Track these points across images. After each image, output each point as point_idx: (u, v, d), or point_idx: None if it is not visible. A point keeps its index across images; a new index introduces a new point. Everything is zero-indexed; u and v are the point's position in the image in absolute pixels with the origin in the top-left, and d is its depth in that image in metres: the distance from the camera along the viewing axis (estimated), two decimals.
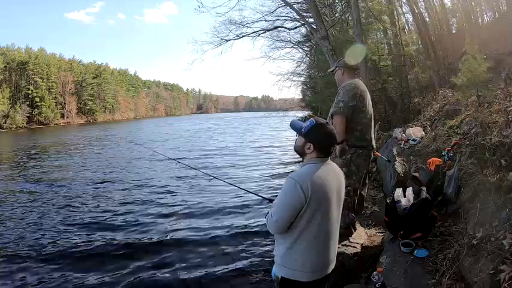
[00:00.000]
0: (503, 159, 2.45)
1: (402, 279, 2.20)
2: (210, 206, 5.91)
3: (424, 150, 4.27)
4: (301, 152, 1.58)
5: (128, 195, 6.90)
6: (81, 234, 4.75)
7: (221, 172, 9.18)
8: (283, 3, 9.99)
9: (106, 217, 5.49)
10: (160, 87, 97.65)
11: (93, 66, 63.27)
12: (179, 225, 5.02)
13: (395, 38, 8.99)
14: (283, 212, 1.46)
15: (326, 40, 7.13)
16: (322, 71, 12.52)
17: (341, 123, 2.70)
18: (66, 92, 53.94)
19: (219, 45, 10.94)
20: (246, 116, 67.84)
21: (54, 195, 7.07)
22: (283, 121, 16.50)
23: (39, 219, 5.40)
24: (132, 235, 4.67)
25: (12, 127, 41.78)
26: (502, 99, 3.58)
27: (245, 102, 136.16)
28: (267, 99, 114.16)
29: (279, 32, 12.94)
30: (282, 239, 1.53)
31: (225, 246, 4.23)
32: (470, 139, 3.25)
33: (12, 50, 49.53)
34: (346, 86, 2.80)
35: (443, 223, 2.68)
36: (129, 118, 68.75)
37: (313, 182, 1.45)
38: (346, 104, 2.72)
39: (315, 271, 1.52)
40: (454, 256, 2.18)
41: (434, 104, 6.31)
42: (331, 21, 10.53)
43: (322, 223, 1.49)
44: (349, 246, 2.79)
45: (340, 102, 2.75)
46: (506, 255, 1.79)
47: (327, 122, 1.57)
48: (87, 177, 9.09)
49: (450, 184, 2.87)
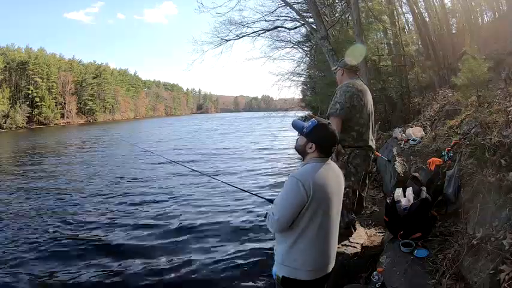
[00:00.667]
0: (503, 159, 2.45)
1: (402, 279, 2.20)
2: (210, 208, 5.91)
3: (424, 150, 4.27)
4: (302, 151, 1.59)
5: (125, 195, 6.90)
6: (79, 233, 4.76)
7: (221, 173, 9.18)
8: (283, 3, 9.99)
9: (105, 217, 5.49)
10: (160, 87, 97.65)
11: (93, 66, 63.28)
12: (178, 226, 5.02)
13: (395, 38, 8.98)
14: (285, 211, 1.47)
15: (326, 40, 7.12)
16: (322, 71, 12.53)
17: (337, 125, 2.68)
18: (66, 92, 53.94)
19: (219, 45, 10.96)
20: (245, 116, 67.85)
21: (52, 195, 7.07)
22: (282, 121, 16.47)
23: (37, 219, 5.42)
24: (131, 235, 4.67)
25: (12, 127, 41.79)
26: (502, 99, 3.58)
27: (245, 102, 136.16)
28: (267, 99, 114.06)
29: (279, 32, 12.95)
30: (283, 238, 1.54)
31: (224, 246, 4.23)
32: (470, 139, 3.25)
33: (12, 50, 49.56)
34: (343, 86, 2.79)
35: (443, 223, 2.68)
36: (129, 118, 68.74)
37: (315, 181, 1.46)
38: (343, 106, 2.71)
39: (316, 270, 1.53)
40: (454, 256, 2.18)
41: (434, 104, 6.32)
42: (331, 21, 10.52)
43: (323, 222, 1.50)
44: (349, 246, 2.79)
45: (336, 103, 2.74)
46: (506, 255, 1.79)
47: (329, 123, 1.58)
48: (87, 178, 9.09)
49: (450, 184, 2.87)
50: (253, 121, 40.93)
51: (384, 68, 9.06)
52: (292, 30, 12.52)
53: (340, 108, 2.71)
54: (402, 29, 9.49)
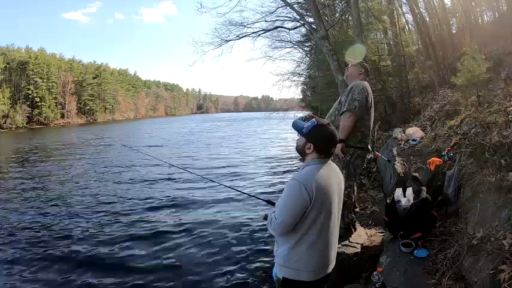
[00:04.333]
0: (503, 159, 2.45)
1: (402, 279, 2.20)
2: (209, 208, 5.91)
3: (424, 150, 4.27)
4: (301, 152, 1.58)
5: (126, 198, 6.86)
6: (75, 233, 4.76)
7: (222, 175, 9.17)
8: (283, 3, 9.97)
9: (105, 217, 5.50)
10: (160, 87, 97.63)
11: (93, 66, 63.25)
12: (177, 226, 5.02)
13: (395, 38, 8.99)
14: (288, 214, 1.45)
15: (326, 40, 7.11)
16: (322, 71, 12.50)
17: (352, 122, 2.67)
18: (66, 92, 53.91)
19: (220, 45, 10.92)
20: (245, 116, 67.80)
21: (50, 196, 7.08)
22: (281, 122, 16.46)
23: (34, 218, 5.44)
24: (131, 236, 4.68)
25: (12, 127, 41.78)
26: (502, 99, 3.58)
27: (245, 103, 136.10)
28: (267, 99, 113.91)
29: (279, 32, 12.91)
30: (284, 239, 1.53)
31: (223, 248, 4.23)
32: (470, 139, 3.25)
33: (12, 50, 49.51)
34: (360, 85, 2.74)
35: (443, 223, 2.68)
36: (129, 118, 68.73)
37: (317, 183, 1.45)
38: (362, 104, 2.69)
39: (316, 271, 1.52)
40: (454, 256, 2.18)
41: (434, 104, 6.32)
42: (331, 21, 10.52)
43: (324, 223, 1.50)
44: (349, 246, 2.79)
45: (356, 101, 2.68)
46: (506, 255, 1.79)
47: (328, 123, 1.57)
48: (86, 179, 9.09)
49: (450, 184, 2.87)
50: (254, 123, 40.68)
51: (384, 68, 9.05)
52: (292, 30, 12.50)
53: (359, 106, 2.69)
54: (402, 29, 9.49)
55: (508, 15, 7.71)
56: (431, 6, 9.17)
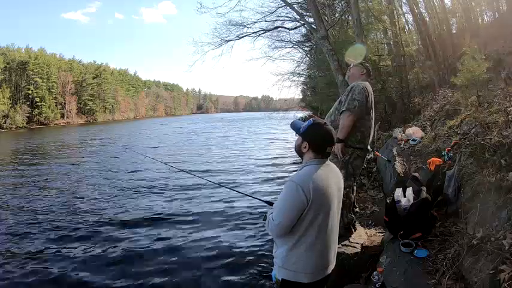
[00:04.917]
0: (503, 159, 2.45)
1: (402, 279, 2.20)
2: (209, 208, 5.92)
3: (424, 150, 4.27)
4: (299, 151, 1.58)
5: (126, 199, 6.85)
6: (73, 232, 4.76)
7: (222, 175, 9.17)
8: (283, 3, 9.97)
9: (104, 217, 5.50)
10: (160, 87, 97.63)
11: (93, 66, 63.23)
12: (176, 226, 5.03)
13: (395, 38, 8.98)
14: (286, 216, 1.45)
15: (326, 40, 7.10)
16: (322, 71, 12.50)
17: (351, 121, 2.66)
18: (66, 92, 53.89)
19: (220, 45, 10.91)
20: (245, 116, 67.80)
21: (48, 196, 7.07)
22: (281, 122, 16.46)
23: (33, 218, 5.44)
24: (131, 238, 4.67)
25: (12, 127, 41.77)
26: (502, 99, 3.58)
27: (245, 103, 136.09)
28: (267, 99, 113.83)
29: (279, 32, 12.89)
30: (283, 241, 1.53)
31: (223, 249, 4.23)
32: (470, 139, 3.25)
33: (12, 50, 49.49)
34: (360, 85, 2.73)
35: (443, 223, 2.67)
36: (129, 118, 68.70)
37: (315, 184, 1.44)
38: (362, 104, 2.68)
39: (316, 272, 1.52)
40: (454, 256, 2.18)
41: (434, 104, 6.31)
42: (331, 21, 10.52)
43: (323, 224, 1.49)
44: (349, 246, 2.78)
45: (355, 100, 2.67)
46: (506, 255, 1.78)
47: (325, 123, 1.56)
48: (86, 180, 9.08)
49: (450, 184, 2.87)
50: (254, 123, 40.70)
51: (384, 68, 9.04)
52: (292, 30, 12.48)
53: (359, 105, 2.67)
54: (402, 29, 9.48)
55: (508, 15, 7.72)
56: (431, 6, 9.17)
